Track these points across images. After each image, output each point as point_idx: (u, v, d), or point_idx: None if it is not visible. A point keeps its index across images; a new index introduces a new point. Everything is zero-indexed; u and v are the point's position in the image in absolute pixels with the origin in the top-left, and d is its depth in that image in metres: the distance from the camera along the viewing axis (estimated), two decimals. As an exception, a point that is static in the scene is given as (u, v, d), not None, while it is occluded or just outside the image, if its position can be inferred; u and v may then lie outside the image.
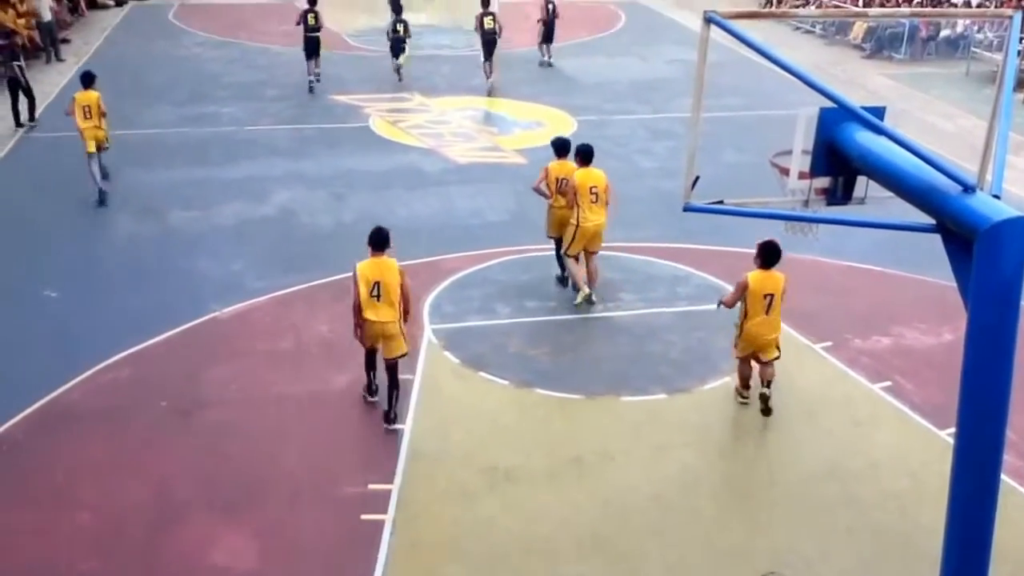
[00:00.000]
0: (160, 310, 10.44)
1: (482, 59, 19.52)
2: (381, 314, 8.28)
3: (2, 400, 8.76)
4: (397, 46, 19.59)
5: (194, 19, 25.59)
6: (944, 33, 24.24)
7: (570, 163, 10.69)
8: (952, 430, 5.17)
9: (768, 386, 8.73)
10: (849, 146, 5.58)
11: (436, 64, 20.58)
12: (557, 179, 10.73)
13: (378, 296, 8.22)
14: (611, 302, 10.99)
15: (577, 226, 10.46)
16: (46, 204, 13.33)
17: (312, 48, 18.87)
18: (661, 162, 15.55)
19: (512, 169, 15.26)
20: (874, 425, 8.89)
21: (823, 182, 5.87)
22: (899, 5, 25.09)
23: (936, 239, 5.19)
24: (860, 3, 26.00)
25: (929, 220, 5.22)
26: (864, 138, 5.50)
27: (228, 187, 14.11)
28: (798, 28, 26.72)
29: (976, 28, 23.57)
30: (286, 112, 17.85)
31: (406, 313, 8.50)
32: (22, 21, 20.97)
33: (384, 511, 7.50)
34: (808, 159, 5.75)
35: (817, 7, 26.90)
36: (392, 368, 8.55)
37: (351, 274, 8.31)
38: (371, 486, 7.79)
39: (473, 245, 12.30)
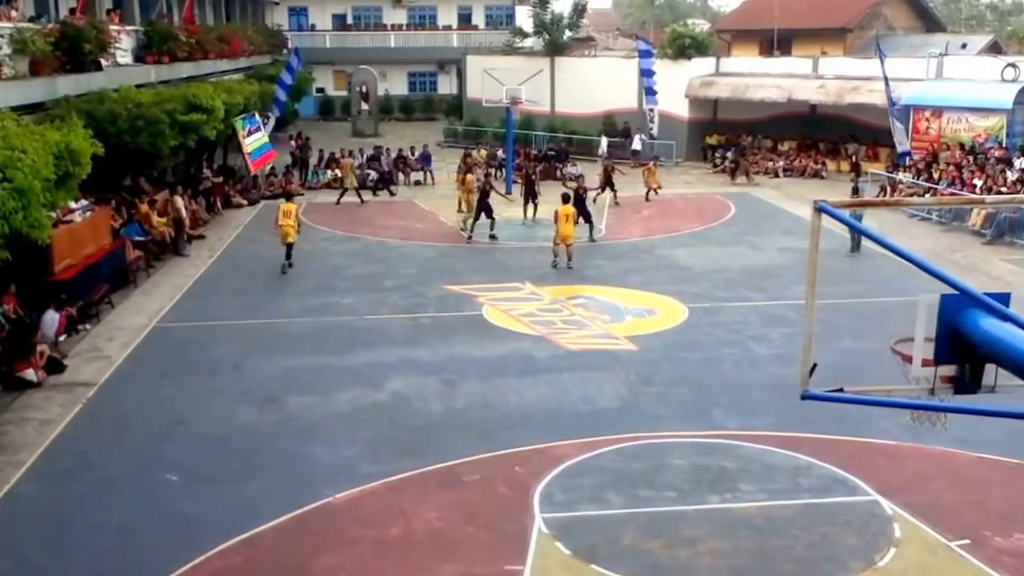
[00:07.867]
0: (274, 495, 10.55)
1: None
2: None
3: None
4: None
5: (320, 216, 27.04)
6: (1068, 217, 23.65)
7: None
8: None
9: (570, 258, 20.37)
10: (974, 333, 5.40)
11: (546, 255, 21.06)
12: None
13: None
14: (729, 493, 10.61)
15: None
16: (177, 390, 13.87)
17: None
18: (777, 349, 15.29)
19: (623, 356, 15.23)
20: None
21: (949, 370, 5.67)
22: (1018, 191, 24.77)
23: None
24: (977, 189, 25.75)
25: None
26: (990, 325, 5.32)
27: (344, 374, 14.46)
28: (914, 215, 26.50)
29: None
30: (403, 302, 18.41)
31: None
32: (164, 219, 22.56)
33: None
34: (931, 346, 5.58)
35: (932, 195, 26.73)
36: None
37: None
38: None
39: (584, 432, 12.16)
